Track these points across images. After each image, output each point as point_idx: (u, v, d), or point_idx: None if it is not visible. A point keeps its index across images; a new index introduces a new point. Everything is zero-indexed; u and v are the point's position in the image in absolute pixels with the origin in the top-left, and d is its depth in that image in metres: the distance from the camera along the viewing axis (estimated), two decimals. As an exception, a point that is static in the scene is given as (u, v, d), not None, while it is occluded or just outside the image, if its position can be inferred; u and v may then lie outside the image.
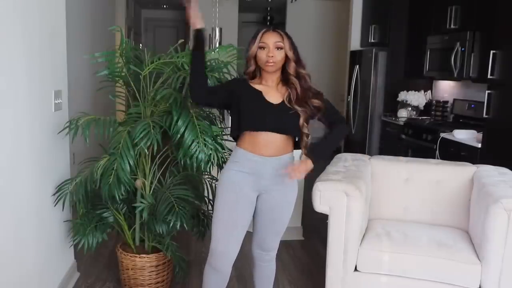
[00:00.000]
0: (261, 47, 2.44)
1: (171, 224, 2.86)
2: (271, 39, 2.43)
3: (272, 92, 2.50)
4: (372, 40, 7.02)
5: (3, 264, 2.38)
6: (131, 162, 2.76)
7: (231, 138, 2.72)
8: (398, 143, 5.88)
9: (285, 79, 2.50)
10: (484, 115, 4.20)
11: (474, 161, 3.79)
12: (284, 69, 2.49)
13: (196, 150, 2.75)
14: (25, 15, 2.54)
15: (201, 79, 2.55)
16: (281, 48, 2.43)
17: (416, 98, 6.13)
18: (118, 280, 3.37)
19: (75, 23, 4.91)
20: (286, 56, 2.45)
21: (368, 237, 2.90)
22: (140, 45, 10.91)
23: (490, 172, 3.12)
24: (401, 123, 5.94)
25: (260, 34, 2.46)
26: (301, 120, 2.45)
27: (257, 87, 2.52)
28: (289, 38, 2.47)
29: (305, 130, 2.47)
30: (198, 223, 3.20)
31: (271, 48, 2.41)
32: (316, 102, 2.48)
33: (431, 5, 5.71)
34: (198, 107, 2.87)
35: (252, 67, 2.51)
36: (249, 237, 2.73)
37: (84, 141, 2.77)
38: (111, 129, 2.86)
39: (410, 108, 6.21)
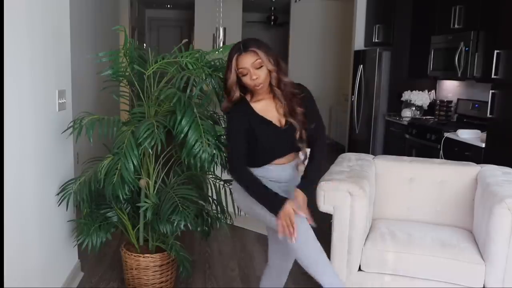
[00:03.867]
0: (241, 74, 2.31)
1: (175, 224, 2.86)
2: (248, 62, 2.28)
3: (273, 109, 2.42)
4: (376, 40, 7.01)
5: (7, 263, 2.38)
6: (135, 162, 2.76)
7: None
8: (402, 143, 5.86)
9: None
10: (488, 115, 4.19)
11: (478, 161, 3.78)
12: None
13: (199, 150, 2.75)
14: (29, 15, 2.55)
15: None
16: (261, 66, 2.29)
17: (420, 97, 6.12)
18: (122, 280, 3.37)
19: (79, 23, 4.92)
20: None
21: (372, 236, 2.90)
22: (144, 44, 10.93)
23: (494, 172, 3.11)
24: (405, 122, 5.92)
25: (234, 61, 2.30)
26: (297, 134, 2.40)
27: (259, 108, 2.41)
28: (262, 48, 2.31)
29: (303, 143, 2.42)
30: (202, 223, 3.20)
31: (252, 72, 2.29)
32: (299, 110, 2.39)
33: (435, 4, 5.69)
34: None
35: (236, 93, 2.37)
36: (251, 237, 2.73)
37: (88, 140, 2.78)
38: (115, 129, 2.86)
39: (414, 108, 6.20)
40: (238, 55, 2.30)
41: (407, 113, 6.17)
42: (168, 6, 11.58)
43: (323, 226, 2.33)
